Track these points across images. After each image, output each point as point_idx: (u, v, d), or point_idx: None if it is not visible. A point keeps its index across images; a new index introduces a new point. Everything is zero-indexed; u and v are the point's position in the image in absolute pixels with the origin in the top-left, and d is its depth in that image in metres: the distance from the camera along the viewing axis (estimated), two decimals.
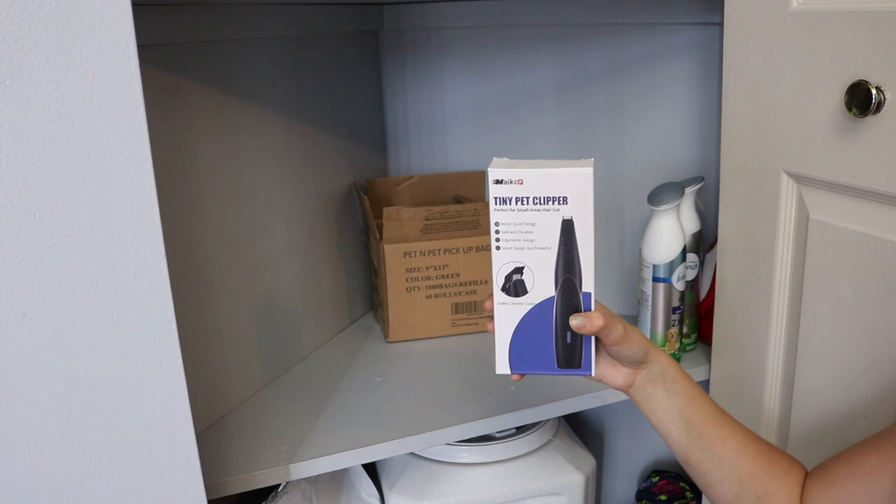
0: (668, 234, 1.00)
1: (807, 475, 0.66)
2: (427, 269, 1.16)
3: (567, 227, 0.64)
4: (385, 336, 1.21)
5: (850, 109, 0.70)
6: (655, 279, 1.02)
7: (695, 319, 1.10)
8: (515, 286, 0.66)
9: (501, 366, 0.68)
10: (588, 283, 0.65)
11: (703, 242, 1.11)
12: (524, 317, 0.67)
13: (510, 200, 0.64)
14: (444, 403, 0.99)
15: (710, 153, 1.13)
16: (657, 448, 1.40)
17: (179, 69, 0.87)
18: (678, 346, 1.06)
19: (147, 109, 0.60)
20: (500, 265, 0.66)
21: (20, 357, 0.59)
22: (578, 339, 0.67)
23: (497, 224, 0.65)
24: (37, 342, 0.59)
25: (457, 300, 1.19)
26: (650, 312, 1.03)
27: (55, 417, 0.61)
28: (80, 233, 0.59)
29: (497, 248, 0.65)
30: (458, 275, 1.18)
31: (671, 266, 1.01)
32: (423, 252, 1.16)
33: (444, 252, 1.16)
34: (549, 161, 0.64)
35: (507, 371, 0.69)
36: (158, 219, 0.63)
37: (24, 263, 0.57)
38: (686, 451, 0.68)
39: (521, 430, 1.12)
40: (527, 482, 1.09)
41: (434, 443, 0.94)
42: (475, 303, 1.20)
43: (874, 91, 0.67)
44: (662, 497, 1.30)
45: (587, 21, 1.17)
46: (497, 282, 0.66)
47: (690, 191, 1.06)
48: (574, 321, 0.65)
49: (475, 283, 1.19)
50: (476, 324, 1.21)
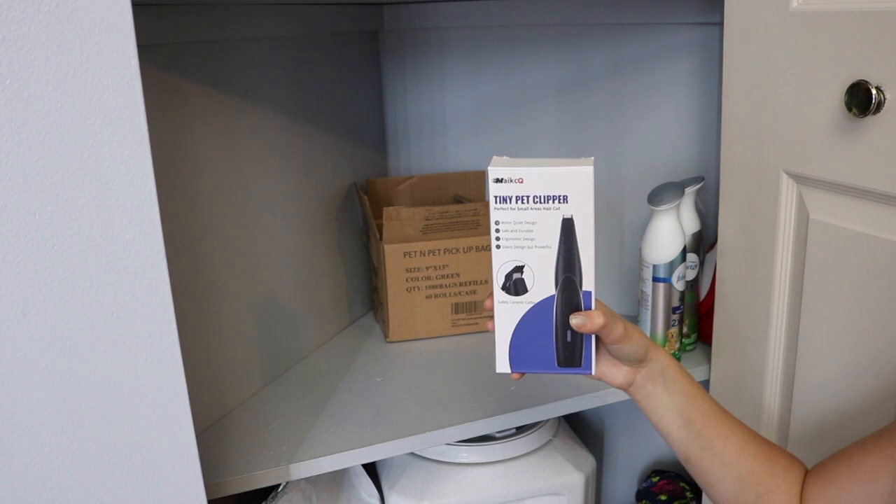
0: (668, 234, 1.00)
1: (807, 473, 0.66)
2: (427, 269, 1.16)
3: (567, 226, 0.64)
4: (385, 336, 1.21)
5: (850, 109, 0.70)
6: (655, 279, 1.02)
7: (695, 319, 1.10)
8: (516, 285, 0.66)
9: (502, 364, 0.68)
10: (588, 282, 0.65)
11: (703, 242, 1.11)
12: (524, 315, 0.67)
13: (510, 199, 0.63)
14: (444, 403, 0.99)
15: (710, 153, 1.13)
16: (657, 448, 1.40)
17: (179, 69, 0.87)
18: (678, 346, 1.06)
19: (147, 109, 0.60)
20: (501, 264, 0.65)
21: (20, 357, 0.59)
22: (578, 338, 0.67)
23: (497, 223, 0.64)
24: (37, 342, 0.59)
25: (457, 300, 1.19)
26: (650, 312, 1.03)
27: (55, 417, 0.61)
28: (80, 233, 0.59)
29: (497, 247, 0.65)
30: (458, 275, 1.18)
31: (671, 266, 1.01)
32: (423, 252, 1.16)
33: (444, 252, 1.16)
34: (550, 159, 0.64)
35: (508, 370, 0.69)
36: (158, 219, 0.63)
37: (24, 263, 0.57)
38: (686, 450, 0.68)
39: (521, 430, 1.12)
40: (527, 482, 1.09)
41: (434, 443, 0.94)
42: (475, 303, 1.20)
43: (874, 91, 0.67)
44: (662, 497, 1.30)
45: (587, 21, 1.17)
46: (497, 280, 0.66)
47: (690, 191, 1.06)
48: (574, 320, 0.65)
49: (475, 283, 1.19)
50: (476, 324, 1.21)
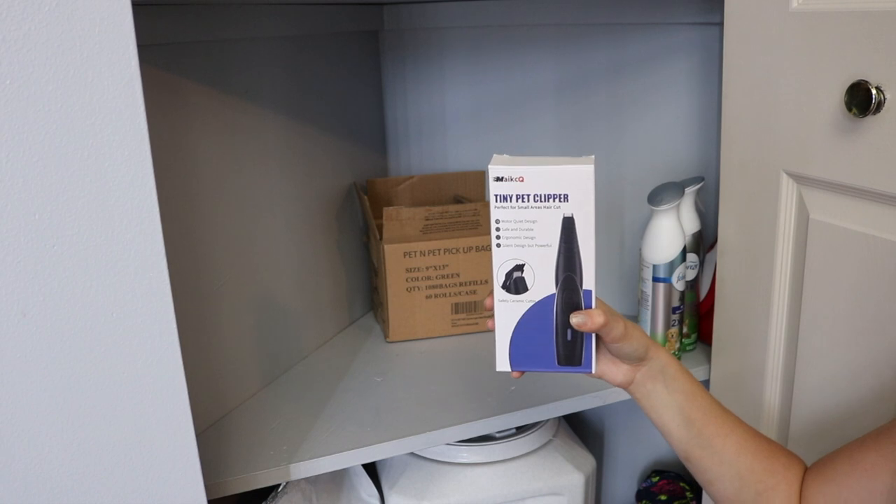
0: (668, 234, 1.00)
1: (806, 471, 0.66)
2: (427, 269, 1.16)
3: (568, 225, 0.63)
4: (385, 336, 1.21)
5: (850, 109, 0.70)
6: (655, 279, 1.02)
7: (695, 319, 1.10)
8: (516, 284, 0.66)
9: (502, 363, 0.68)
10: (589, 281, 0.65)
11: (703, 242, 1.11)
12: (524, 314, 0.67)
13: (511, 198, 0.63)
14: (444, 403, 0.99)
15: (710, 153, 1.13)
16: (657, 448, 1.40)
17: (179, 69, 0.87)
18: (678, 346, 1.06)
19: (147, 109, 0.60)
20: (501, 262, 0.65)
21: (20, 357, 0.59)
22: (579, 337, 0.67)
23: (497, 221, 0.64)
24: (37, 342, 0.59)
25: (457, 300, 1.19)
26: (650, 312, 1.03)
27: (55, 417, 0.61)
28: (80, 233, 0.59)
29: (497, 246, 0.65)
30: (458, 275, 1.18)
31: (671, 266, 1.01)
32: (423, 252, 1.16)
33: (444, 252, 1.16)
34: (550, 158, 0.64)
35: (508, 368, 0.68)
36: (158, 219, 0.63)
37: (24, 263, 0.57)
38: (686, 448, 0.68)
39: (521, 430, 1.12)
40: (527, 482, 1.09)
41: (434, 443, 0.94)
42: (475, 303, 1.20)
43: (874, 91, 0.67)
44: (662, 497, 1.30)
45: (587, 21, 1.17)
46: (497, 279, 0.66)
47: (690, 191, 1.06)
48: (575, 319, 0.65)
49: (475, 283, 1.19)
50: (476, 324, 1.21)
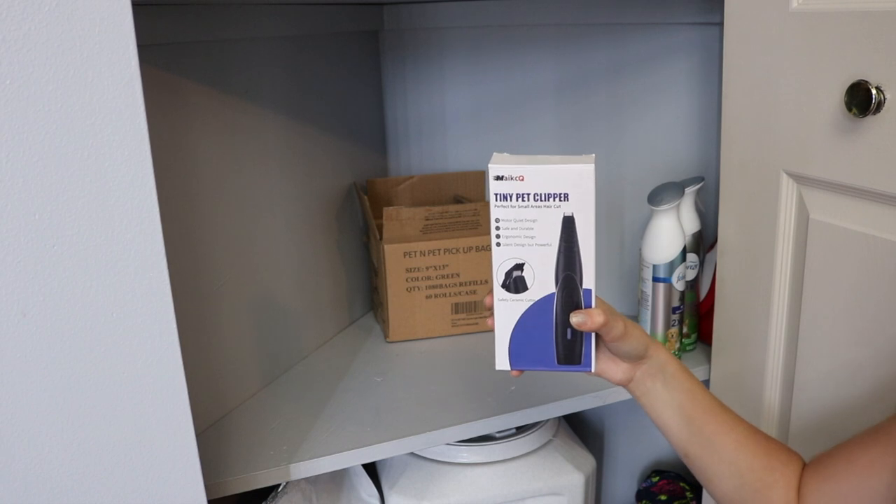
0: (668, 234, 1.00)
1: (804, 468, 0.66)
2: (427, 269, 1.16)
3: (568, 224, 0.63)
4: (385, 336, 1.21)
5: (850, 109, 0.70)
6: (655, 279, 1.02)
7: (695, 319, 1.10)
8: (516, 283, 0.66)
9: (501, 362, 0.68)
10: (589, 280, 0.65)
11: (703, 242, 1.11)
12: (524, 313, 0.66)
13: (511, 197, 0.63)
14: (444, 403, 0.99)
15: (710, 153, 1.13)
16: (657, 448, 1.40)
17: (179, 69, 0.87)
18: (678, 346, 1.06)
19: (147, 109, 0.60)
20: (501, 262, 0.65)
21: (20, 357, 0.59)
22: (578, 336, 0.67)
23: (497, 220, 0.64)
24: (37, 342, 0.59)
25: (457, 300, 1.19)
26: (650, 312, 1.03)
27: (55, 417, 0.61)
28: (80, 233, 0.59)
29: (497, 245, 0.65)
30: (458, 275, 1.18)
31: (671, 266, 1.01)
32: (423, 252, 1.16)
33: (444, 252, 1.16)
34: (550, 157, 0.64)
35: (507, 367, 0.68)
36: (158, 219, 0.63)
37: (24, 263, 0.57)
38: (686, 446, 0.68)
39: (521, 430, 1.12)
40: (527, 482, 1.09)
41: (434, 443, 0.94)
42: (475, 303, 1.20)
43: (874, 91, 0.67)
44: (662, 497, 1.30)
45: (587, 21, 1.17)
46: (497, 278, 0.66)
47: (690, 191, 1.06)
48: (575, 318, 0.65)
49: (475, 283, 1.19)
50: (476, 324, 1.21)
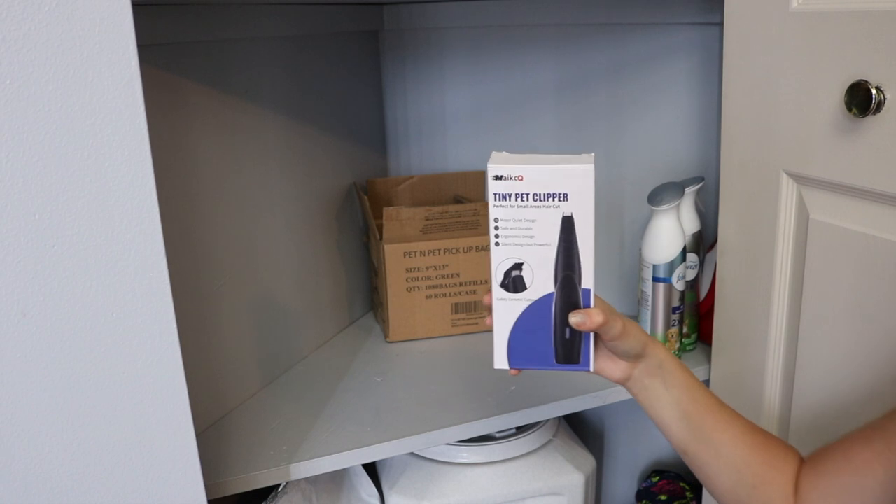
0: (668, 234, 1.00)
1: (801, 464, 0.66)
2: (427, 269, 1.16)
3: (567, 224, 0.63)
4: (385, 336, 1.21)
5: (850, 109, 0.70)
6: (655, 279, 1.02)
7: (695, 319, 1.10)
8: (514, 282, 0.66)
9: (500, 360, 0.68)
10: (588, 280, 0.65)
11: (703, 242, 1.11)
12: (523, 313, 0.66)
13: (510, 196, 0.63)
14: (444, 403, 0.99)
15: (710, 153, 1.13)
16: (657, 448, 1.40)
17: (179, 69, 0.87)
18: (678, 346, 1.06)
19: (147, 109, 0.60)
20: (499, 261, 0.65)
21: (20, 357, 0.59)
22: (577, 335, 0.67)
23: (496, 220, 0.64)
24: (37, 342, 0.59)
25: (457, 300, 1.19)
26: (650, 312, 1.03)
27: (55, 417, 0.61)
28: (80, 233, 0.59)
29: (496, 244, 0.65)
30: (458, 275, 1.18)
31: (671, 266, 1.01)
32: (423, 252, 1.16)
33: (444, 252, 1.16)
34: (550, 156, 0.64)
35: (505, 366, 0.68)
36: (158, 219, 0.63)
37: (24, 263, 0.57)
38: (684, 443, 0.69)
39: (521, 430, 1.12)
40: (527, 482, 1.09)
41: (434, 443, 0.94)
42: (475, 303, 1.20)
43: (874, 91, 0.67)
44: (662, 497, 1.30)
45: (587, 21, 1.16)
46: (496, 278, 0.66)
47: (690, 191, 1.06)
48: (574, 318, 0.65)
49: (475, 283, 1.19)
50: (476, 324, 1.21)
